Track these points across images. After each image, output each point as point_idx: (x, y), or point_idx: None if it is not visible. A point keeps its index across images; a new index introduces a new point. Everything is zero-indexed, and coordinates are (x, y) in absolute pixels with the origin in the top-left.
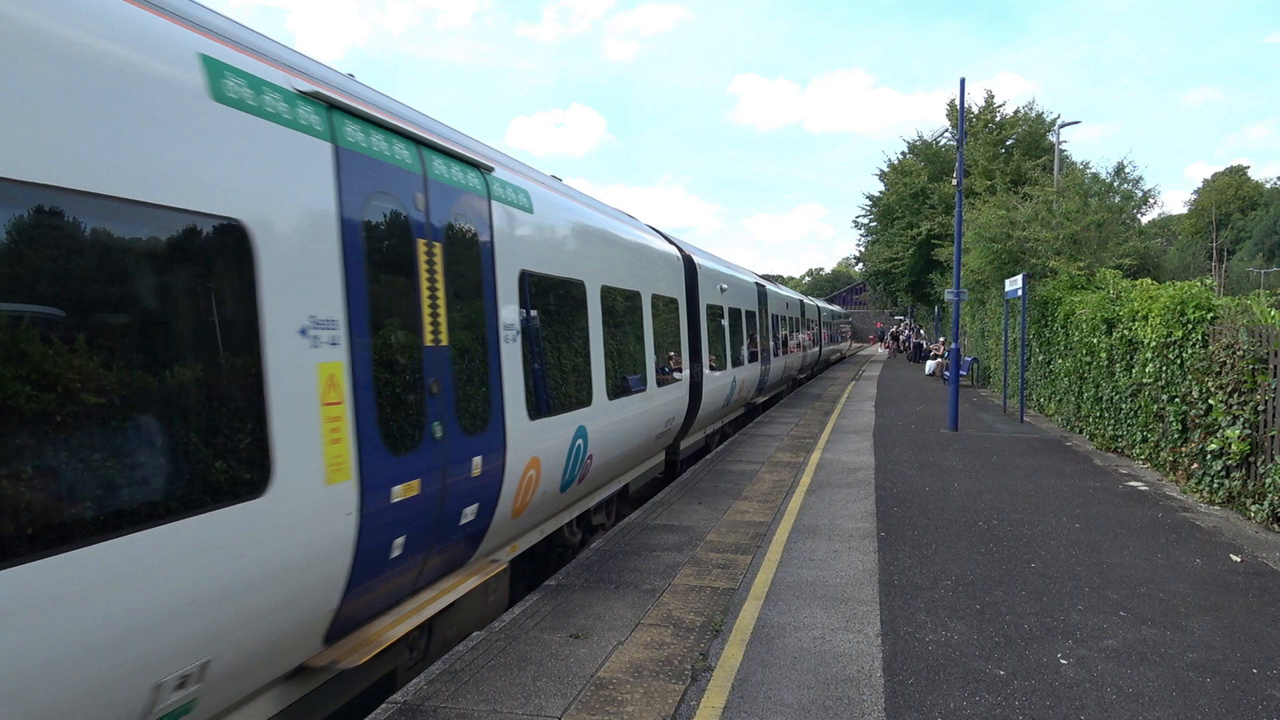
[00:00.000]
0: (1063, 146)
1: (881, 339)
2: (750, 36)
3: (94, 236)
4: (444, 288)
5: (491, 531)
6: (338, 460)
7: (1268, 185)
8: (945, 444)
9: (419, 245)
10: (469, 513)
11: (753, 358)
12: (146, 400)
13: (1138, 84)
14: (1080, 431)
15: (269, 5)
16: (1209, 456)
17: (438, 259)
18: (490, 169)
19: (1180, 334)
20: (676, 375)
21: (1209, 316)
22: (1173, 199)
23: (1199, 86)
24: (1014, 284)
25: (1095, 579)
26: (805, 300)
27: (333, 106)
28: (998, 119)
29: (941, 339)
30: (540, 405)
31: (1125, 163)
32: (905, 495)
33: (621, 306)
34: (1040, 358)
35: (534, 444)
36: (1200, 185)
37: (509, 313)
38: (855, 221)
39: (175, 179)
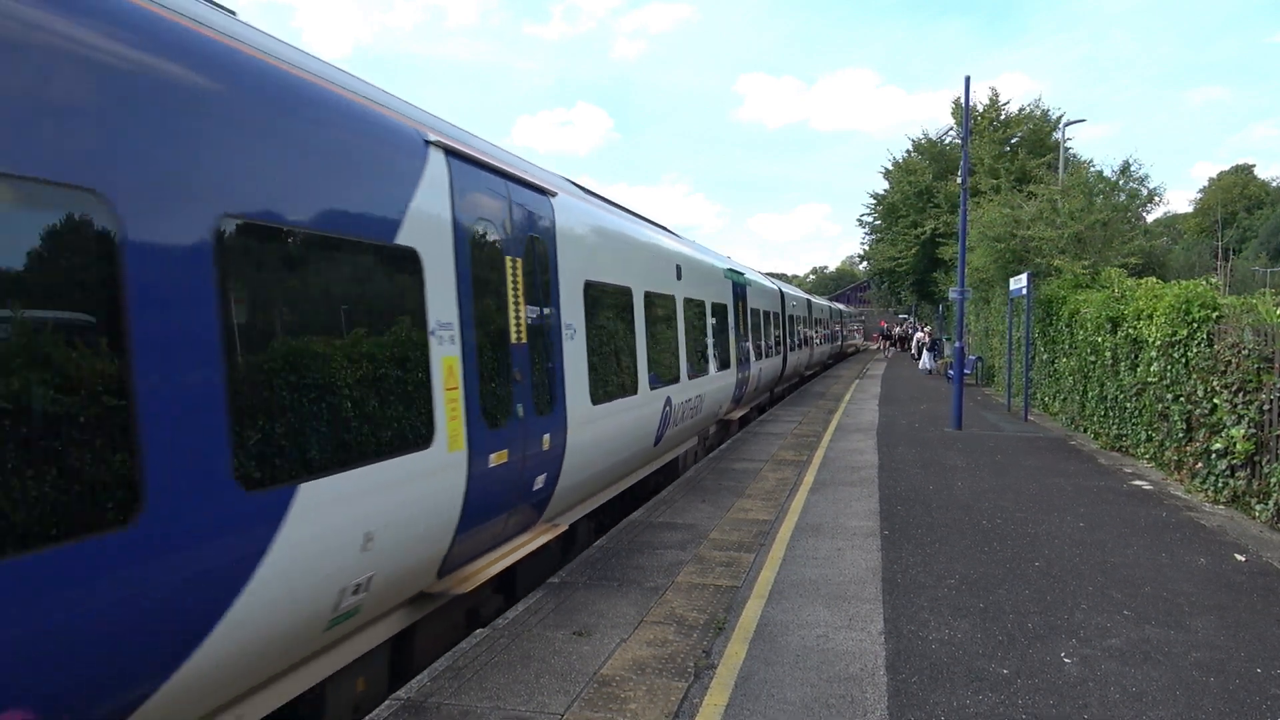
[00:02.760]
0: (1067, 145)
1: (885, 337)
2: (756, 35)
3: (364, 260)
4: (523, 296)
5: (555, 498)
6: (455, 431)
7: (1273, 184)
8: (949, 443)
9: (506, 261)
10: (539, 481)
11: (775, 352)
12: (380, 374)
13: (1139, 83)
14: (1084, 431)
15: (274, 2)
16: (1213, 456)
17: (519, 272)
18: (554, 194)
19: (1185, 333)
20: (722, 366)
21: (1214, 315)
22: (1177, 198)
23: (1201, 86)
24: (1018, 283)
25: (1099, 578)
26: (815, 300)
27: (449, 152)
28: (1002, 117)
29: (929, 326)
30: (603, 392)
31: (1130, 161)
32: (909, 494)
33: (665, 310)
34: (1044, 357)
35: (594, 424)
36: (1205, 184)
37: (570, 315)
38: (859, 220)
39: (391, 226)
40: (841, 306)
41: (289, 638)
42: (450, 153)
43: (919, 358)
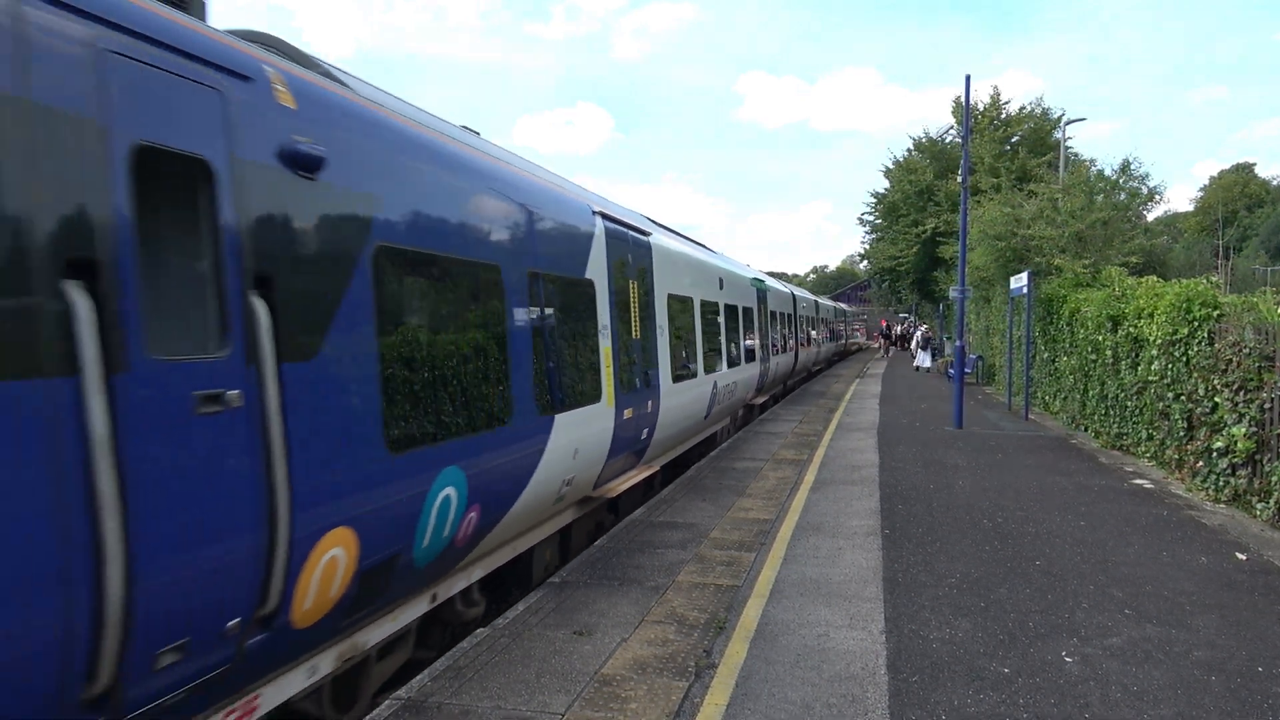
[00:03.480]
0: (1068, 144)
1: (885, 336)
2: (758, 34)
3: (576, 288)
4: (638, 306)
5: (650, 447)
6: (609, 392)
7: (1274, 183)
8: (950, 442)
9: (629, 284)
10: (644, 433)
11: (788, 348)
12: (583, 354)
13: (1143, 81)
14: (1085, 430)
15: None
16: (1214, 454)
17: (636, 291)
18: (650, 234)
19: (1186, 332)
20: (748, 359)
21: (1214, 314)
22: (1179, 196)
23: (1205, 84)
24: (1019, 281)
25: (1100, 577)
26: (821, 301)
27: (604, 216)
28: (1003, 116)
29: (924, 325)
30: (685, 374)
31: (1131, 160)
32: (910, 493)
33: (729, 314)
34: (1045, 356)
35: (678, 397)
36: (1206, 183)
37: (660, 318)
38: (860, 219)
39: (582, 267)
40: (845, 306)
41: (543, 499)
42: (604, 216)
43: (918, 356)
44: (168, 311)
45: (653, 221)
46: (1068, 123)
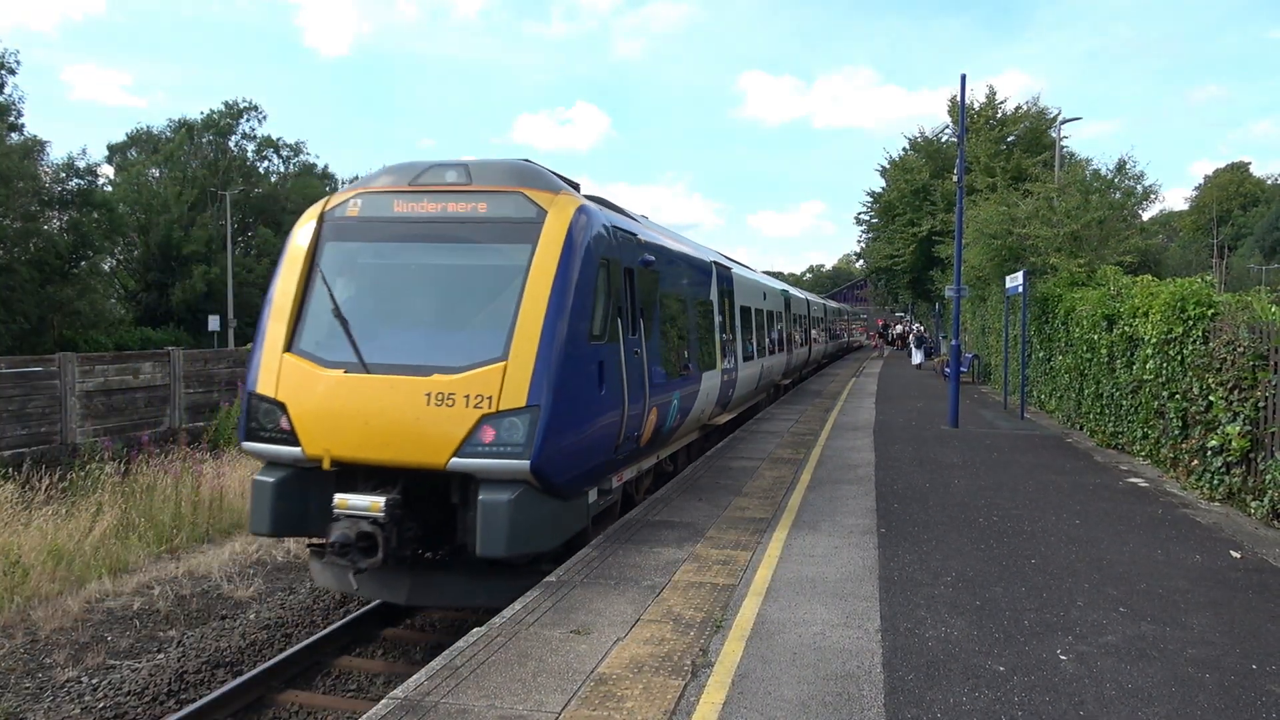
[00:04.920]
0: (1065, 143)
1: (881, 335)
2: (757, 33)
3: (709, 308)
4: (728, 313)
5: (731, 402)
6: (719, 363)
7: (1269, 182)
8: (946, 440)
9: (725, 301)
10: (729, 390)
11: (802, 343)
12: (714, 344)
13: (1142, 79)
14: (1080, 428)
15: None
16: (1209, 453)
17: (728, 305)
18: (730, 266)
19: (1181, 330)
20: (778, 351)
21: (1209, 313)
22: (1175, 195)
23: (1204, 83)
24: (1014, 281)
25: (1095, 575)
26: (829, 304)
27: (715, 264)
28: (999, 115)
29: (917, 324)
30: (751, 356)
31: (1126, 159)
32: (906, 492)
33: (768, 315)
34: (1041, 354)
35: (751, 367)
36: (1202, 181)
37: (738, 320)
38: (857, 218)
39: (708, 292)
40: (846, 307)
41: (698, 415)
42: (715, 263)
43: (913, 354)
44: (621, 325)
45: (728, 257)
46: (1063, 122)
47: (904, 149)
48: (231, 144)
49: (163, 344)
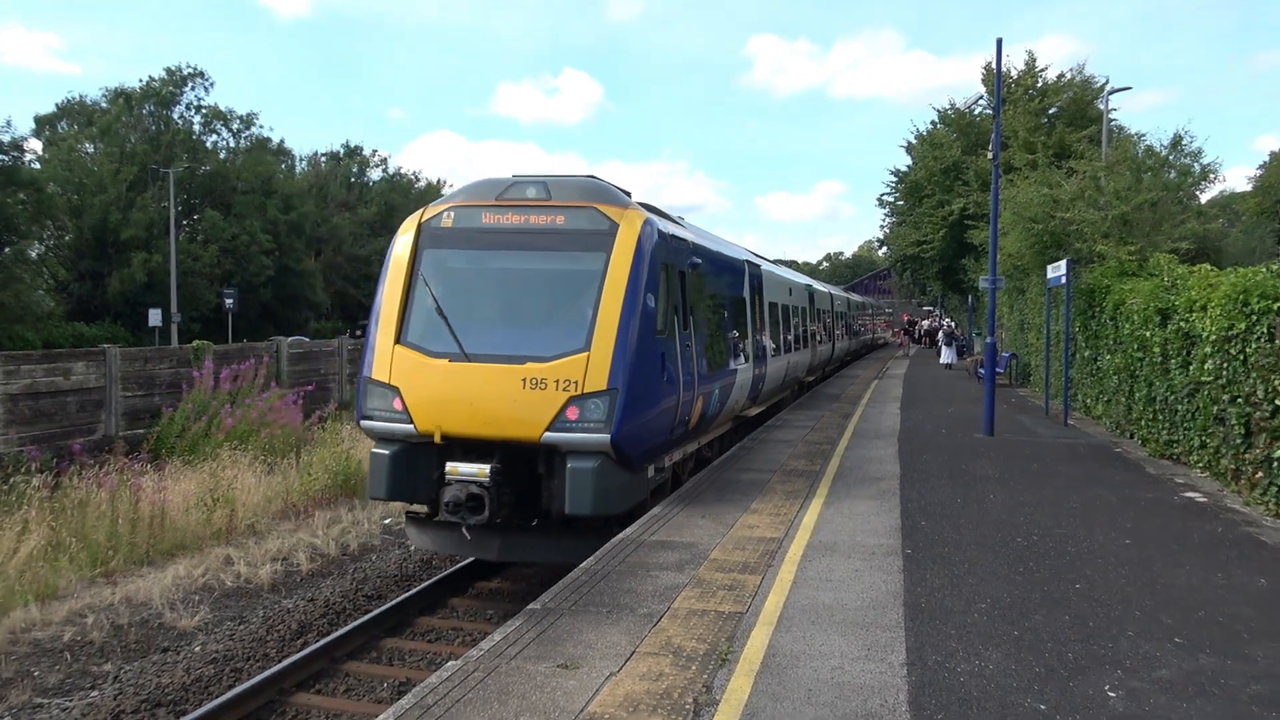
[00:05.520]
0: (1113, 116)
1: (907, 332)
2: None
3: (741, 304)
4: (759, 310)
5: (760, 396)
6: (750, 358)
7: None
8: (979, 450)
9: (756, 297)
10: (759, 384)
11: (825, 339)
12: (745, 339)
13: (1201, 43)
14: (1131, 436)
15: None
16: (1275, 464)
17: (758, 301)
18: (760, 264)
19: (1244, 326)
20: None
21: (1276, 306)
22: (1237, 175)
23: (1270, 47)
24: (1057, 270)
25: (1147, 601)
26: (852, 298)
27: (748, 261)
28: (1040, 85)
29: (946, 320)
30: (778, 351)
31: (1183, 133)
32: (935, 507)
33: (792, 311)
34: (1086, 353)
35: (778, 362)
36: (1268, 159)
37: (766, 316)
38: (880, 200)
39: (742, 290)
40: (871, 300)
41: (734, 406)
42: (748, 262)
43: (942, 352)
44: (676, 321)
45: (756, 254)
46: (1111, 92)
47: (933, 122)
48: (175, 116)
49: (97, 341)
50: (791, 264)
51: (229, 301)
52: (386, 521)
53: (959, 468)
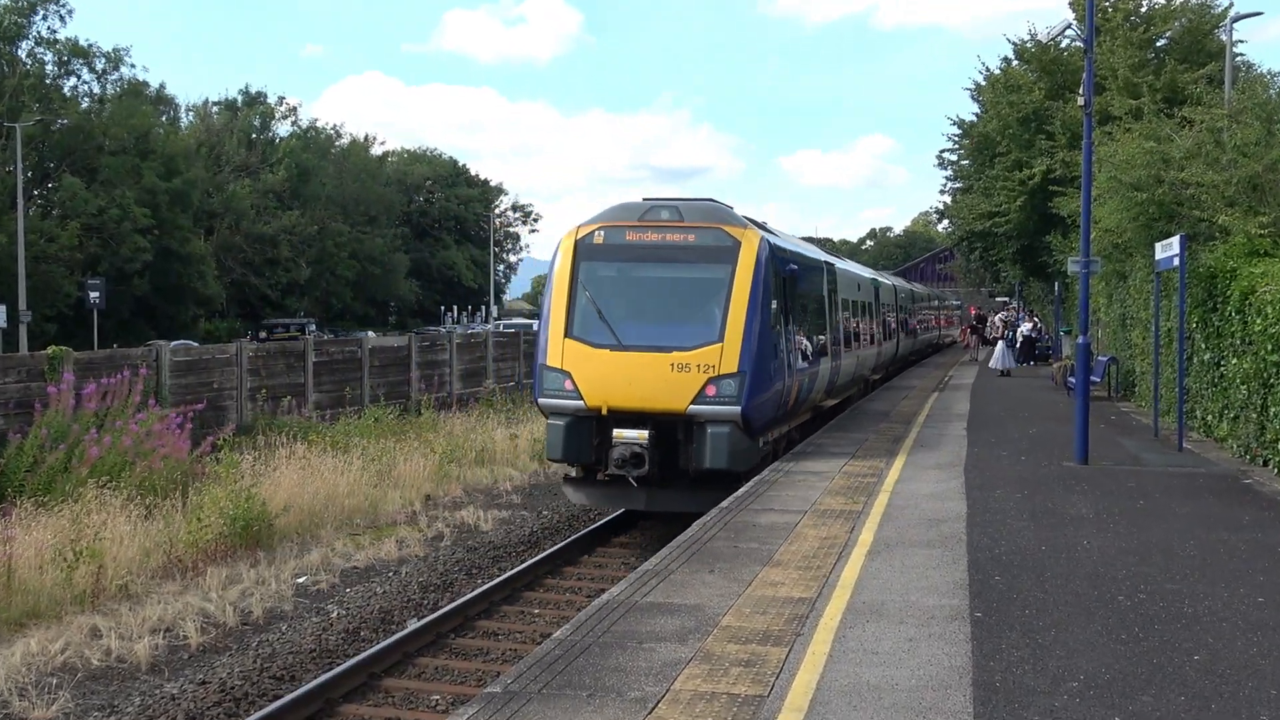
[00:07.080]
0: (1239, 49)
1: (974, 330)
2: None
3: (822, 300)
4: (834, 307)
5: (835, 388)
6: (830, 354)
7: None
8: (1069, 482)
9: (832, 295)
10: (836, 378)
11: (888, 336)
12: (824, 334)
13: None
14: (1265, 464)
15: None
16: None
17: (835, 298)
18: (833, 263)
19: None
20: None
21: None
22: None
23: None
24: (1167, 249)
25: None
26: (916, 289)
27: (826, 261)
28: (1145, 9)
29: (1003, 311)
30: (849, 346)
31: None
32: (1011, 557)
33: (860, 307)
34: (1206, 357)
35: (849, 357)
36: None
37: (840, 314)
38: (940, 158)
39: (822, 288)
40: (935, 291)
41: (817, 394)
42: (826, 262)
43: (995, 355)
44: (781, 320)
45: (829, 251)
46: (1237, 18)
47: (1006, 59)
48: (21, 53)
49: None
50: (826, 243)
51: (94, 295)
52: (301, 580)
53: (1043, 505)
